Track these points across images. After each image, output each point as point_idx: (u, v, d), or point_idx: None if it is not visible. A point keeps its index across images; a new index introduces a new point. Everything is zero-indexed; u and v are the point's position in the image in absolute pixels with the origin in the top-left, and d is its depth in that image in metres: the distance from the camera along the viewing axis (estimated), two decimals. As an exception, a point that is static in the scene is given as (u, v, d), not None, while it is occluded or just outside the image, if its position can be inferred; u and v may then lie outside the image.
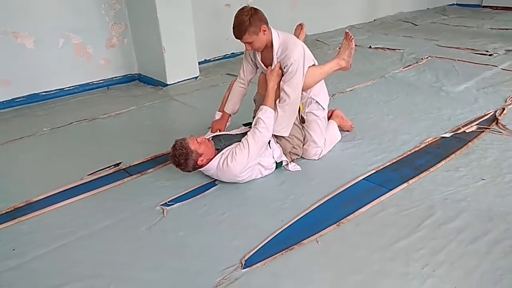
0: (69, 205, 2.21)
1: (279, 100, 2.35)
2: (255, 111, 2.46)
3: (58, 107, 3.73)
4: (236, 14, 2.27)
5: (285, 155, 2.43)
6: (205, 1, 4.69)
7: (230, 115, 2.67)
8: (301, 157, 2.55)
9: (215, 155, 2.24)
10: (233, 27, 2.27)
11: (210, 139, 2.35)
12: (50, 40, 3.79)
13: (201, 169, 2.28)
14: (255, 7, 2.30)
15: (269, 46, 2.35)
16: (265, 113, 2.28)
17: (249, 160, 2.20)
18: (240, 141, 2.26)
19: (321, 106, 2.52)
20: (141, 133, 3.12)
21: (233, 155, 2.18)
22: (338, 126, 2.76)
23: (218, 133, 2.53)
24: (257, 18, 2.24)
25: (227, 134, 2.49)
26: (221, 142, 2.33)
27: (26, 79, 3.74)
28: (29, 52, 3.69)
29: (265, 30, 2.28)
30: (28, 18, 3.61)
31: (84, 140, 3.03)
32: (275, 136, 2.38)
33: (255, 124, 2.28)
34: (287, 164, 2.44)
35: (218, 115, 2.68)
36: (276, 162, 2.39)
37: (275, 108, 2.33)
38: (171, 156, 2.22)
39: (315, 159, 2.54)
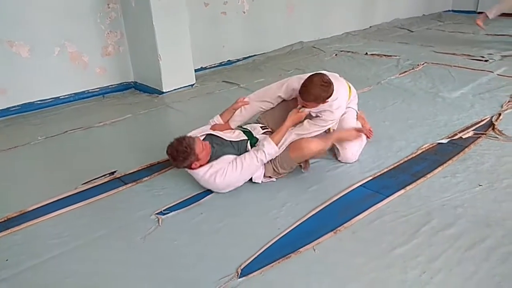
0: (64, 215, 2.19)
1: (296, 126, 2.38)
2: (261, 119, 2.58)
3: (53, 115, 3.72)
4: (313, 78, 2.23)
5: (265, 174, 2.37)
6: (201, 8, 4.71)
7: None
8: (338, 160, 2.54)
9: (206, 163, 2.25)
10: (309, 91, 2.22)
11: (205, 136, 2.37)
12: (46, 48, 3.78)
13: (188, 171, 2.28)
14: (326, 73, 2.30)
15: None
16: (272, 148, 2.26)
17: (237, 181, 2.25)
18: (231, 153, 2.29)
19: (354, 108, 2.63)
20: (136, 141, 3.10)
21: (223, 173, 2.20)
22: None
23: (213, 132, 2.46)
24: (331, 91, 2.26)
25: (221, 138, 2.41)
26: (214, 148, 2.30)
27: (21, 88, 3.73)
28: (24, 61, 3.68)
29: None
30: (23, 27, 3.61)
31: (79, 149, 3.01)
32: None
33: (257, 150, 2.26)
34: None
35: (218, 120, 2.60)
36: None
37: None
38: (172, 147, 2.18)
39: (353, 161, 2.53)
